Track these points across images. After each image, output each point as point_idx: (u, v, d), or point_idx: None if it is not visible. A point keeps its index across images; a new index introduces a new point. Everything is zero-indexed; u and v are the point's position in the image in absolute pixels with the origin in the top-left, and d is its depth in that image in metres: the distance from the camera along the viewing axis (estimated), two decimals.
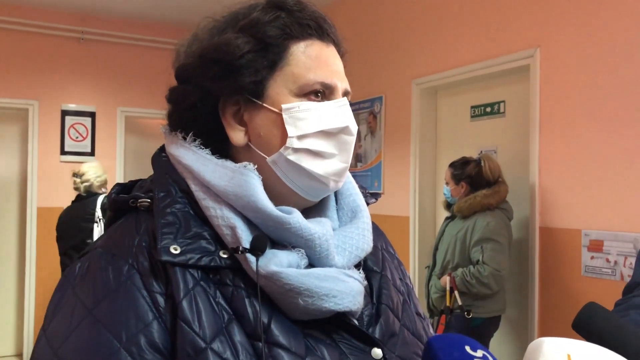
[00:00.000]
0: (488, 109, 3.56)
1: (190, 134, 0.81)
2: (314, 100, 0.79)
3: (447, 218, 3.28)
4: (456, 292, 2.92)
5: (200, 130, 0.81)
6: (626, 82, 2.63)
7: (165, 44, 5.45)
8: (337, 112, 0.80)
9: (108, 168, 5.23)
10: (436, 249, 3.25)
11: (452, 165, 3.19)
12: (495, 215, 2.98)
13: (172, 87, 0.84)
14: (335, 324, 0.76)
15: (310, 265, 0.77)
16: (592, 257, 2.74)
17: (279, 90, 0.78)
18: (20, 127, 5.13)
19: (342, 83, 0.82)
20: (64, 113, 5.15)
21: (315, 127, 0.78)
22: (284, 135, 0.77)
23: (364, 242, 0.83)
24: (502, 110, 3.47)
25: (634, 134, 2.60)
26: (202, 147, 0.80)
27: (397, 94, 4.12)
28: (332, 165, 0.80)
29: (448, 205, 3.28)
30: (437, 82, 3.79)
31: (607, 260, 2.68)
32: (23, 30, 4.96)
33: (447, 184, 3.21)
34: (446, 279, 2.99)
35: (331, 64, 0.81)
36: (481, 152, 3.39)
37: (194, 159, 0.78)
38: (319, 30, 0.81)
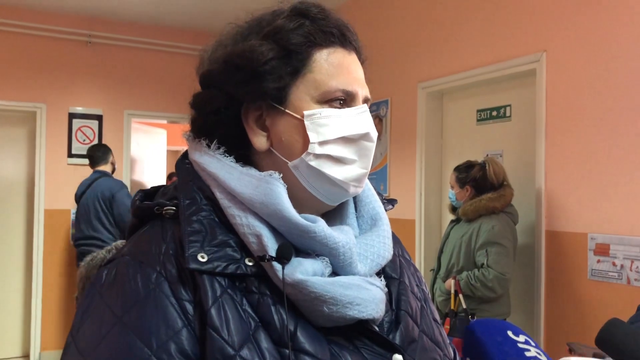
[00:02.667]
0: (494, 113, 3.57)
1: (214, 142, 0.81)
2: (335, 107, 0.80)
3: (452, 221, 3.29)
4: (460, 296, 2.93)
5: (223, 137, 0.82)
6: (632, 86, 2.64)
7: (171, 47, 5.48)
8: (358, 119, 0.81)
9: (115, 171, 5.28)
10: (441, 252, 3.25)
11: (457, 169, 3.20)
12: (500, 218, 2.98)
13: (196, 92, 0.85)
14: (357, 331, 0.77)
15: (334, 273, 0.78)
16: (598, 261, 2.75)
17: (301, 97, 0.79)
18: (28, 130, 5.16)
19: (362, 90, 0.83)
20: (72, 116, 5.18)
21: (336, 133, 0.79)
22: (306, 141, 0.78)
23: (385, 250, 0.84)
24: (508, 114, 3.48)
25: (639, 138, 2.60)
26: (226, 154, 0.80)
27: (403, 98, 4.13)
28: (352, 170, 0.81)
29: (453, 209, 3.28)
30: (443, 86, 3.80)
31: (614, 264, 2.68)
32: (31, 34, 5.00)
33: (452, 187, 3.21)
34: (451, 282, 2.99)
35: (352, 72, 0.82)
36: (487, 155, 3.40)
37: (219, 166, 0.79)
38: (341, 38, 0.82)
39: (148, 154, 5.88)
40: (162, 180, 5.79)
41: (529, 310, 3.16)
